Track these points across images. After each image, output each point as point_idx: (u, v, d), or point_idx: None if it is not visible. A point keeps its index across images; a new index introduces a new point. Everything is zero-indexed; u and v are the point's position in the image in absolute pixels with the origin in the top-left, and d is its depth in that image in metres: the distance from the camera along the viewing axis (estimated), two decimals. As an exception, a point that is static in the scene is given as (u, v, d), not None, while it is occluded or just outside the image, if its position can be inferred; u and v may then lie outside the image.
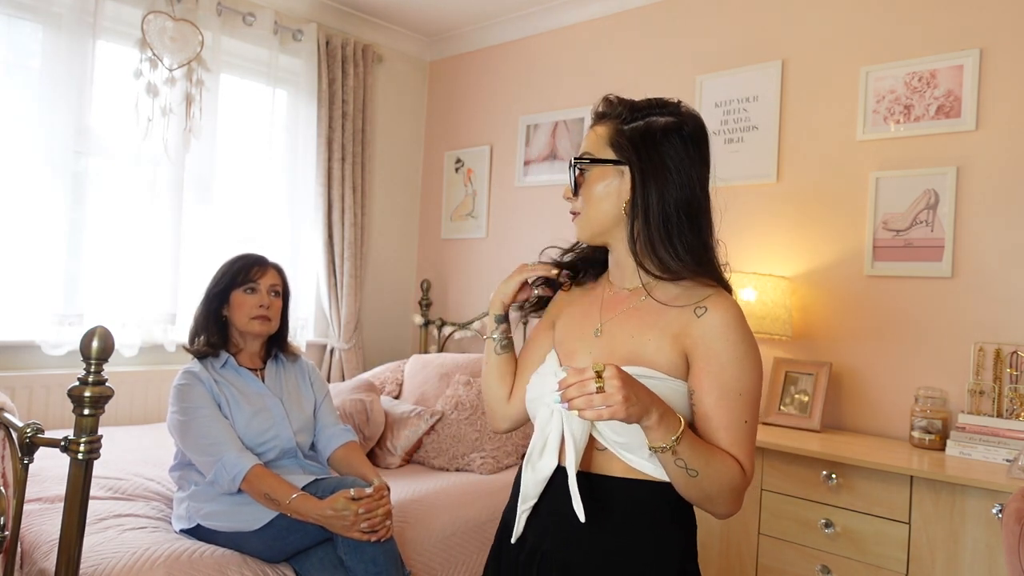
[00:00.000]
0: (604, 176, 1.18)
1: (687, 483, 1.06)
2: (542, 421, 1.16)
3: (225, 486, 1.87)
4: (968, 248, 2.43)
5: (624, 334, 1.18)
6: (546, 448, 1.15)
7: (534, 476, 1.15)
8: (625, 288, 1.23)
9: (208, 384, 1.99)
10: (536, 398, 1.20)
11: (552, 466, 1.15)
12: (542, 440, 1.15)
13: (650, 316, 1.17)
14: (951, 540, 2.01)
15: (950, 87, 2.47)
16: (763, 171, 2.90)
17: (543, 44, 3.73)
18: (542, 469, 1.15)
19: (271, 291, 2.11)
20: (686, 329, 1.13)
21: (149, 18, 2.99)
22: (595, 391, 0.95)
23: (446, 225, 4.13)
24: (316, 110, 3.60)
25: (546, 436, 1.15)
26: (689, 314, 1.13)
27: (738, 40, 3.01)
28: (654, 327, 1.16)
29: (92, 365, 1.40)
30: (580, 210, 1.21)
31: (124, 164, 3.05)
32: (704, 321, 1.12)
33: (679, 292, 1.16)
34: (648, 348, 1.15)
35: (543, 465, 1.15)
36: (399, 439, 2.84)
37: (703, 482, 1.05)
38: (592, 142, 1.21)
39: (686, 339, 1.13)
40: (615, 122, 1.19)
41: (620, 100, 1.21)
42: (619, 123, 1.19)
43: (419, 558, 2.17)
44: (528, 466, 1.16)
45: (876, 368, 2.60)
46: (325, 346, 3.82)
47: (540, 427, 1.17)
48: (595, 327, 1.22)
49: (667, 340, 1.14)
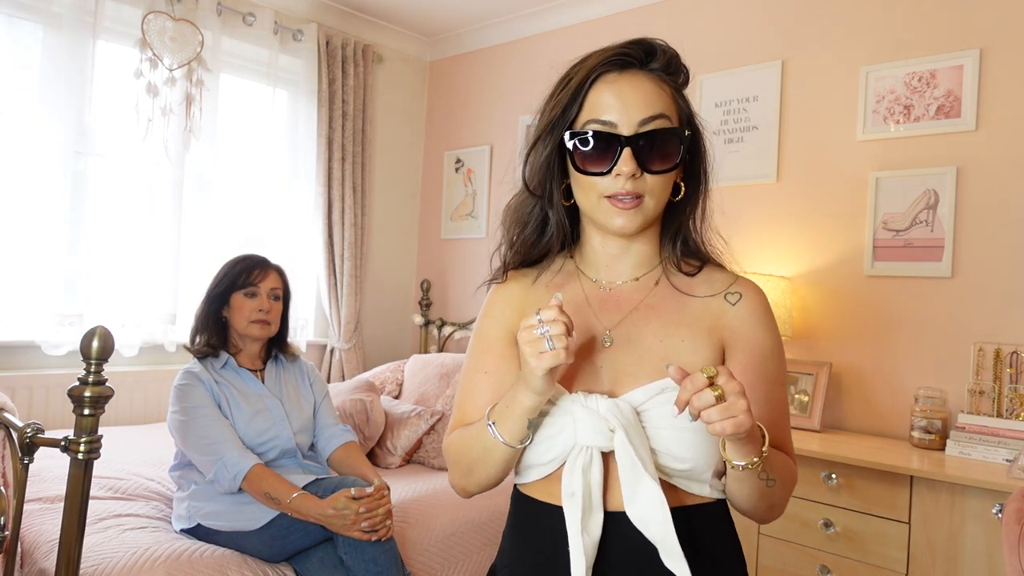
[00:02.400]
0: (683, 150, 0.96)
1: (760, 495, 0.92)
2: (578, 468, 0.90)
3: (226, 485, 1.87)
4: (968, 248, 2.43)
5: (649, 338, 0.97)
6: (593, 503, 0.90)
7: (590, 539, 0.89)
8: (617, 282, 1.03)
9: (208, 384, 2.00)
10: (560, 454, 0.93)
11: (601, 518, 0.91)
12: (584, 494, 0.89)
13: (673, 312, 0.99)
14: (951, 540, 2.01)
15: (950, 87, 2.48)
16: (763, 171, 2.90)
17: (543, 44, 3.73)
18: (595, 528, 0.90)
19: (271, 294, 2.10)
20: (721, 320, 0.99)
21: (149, 18, 2.99)
22: (715, 401, 0.79)
23: (446, 225, 4.13)
24: (316, 110, 3.60)
25: (588, 487, 0.90)
26: (720, 303, 0.99)
27: (738, 40, 3.01)
28: (682, 324, 0.98)
29: (92, 365, 1.40)
30: (645, 192, 0.95)
31: (124, 164, 3.05)
32: (740, 309, 0.99)
33: (698, 280, 1.02)
34: (683, 350, 0.96)
35: (595, 523, 0.90)
36: (399, 439, 2.84)
37: (776, 490, 0.92)
38: (664, 101, 0.96)
39: (723, 331, 0.98)
40: (674, 80, 0.99)
41: (672, 50, 0.99)
42: (675, 81, 0.99)
43: (419, 558, 2.17)
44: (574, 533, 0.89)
45: (876, 368, 2.60)
46: (325, 346, 3.82)
47: (576, 479, 0.90)
48: (601, 335, 0.99)
49: (702, 336, 0.97)
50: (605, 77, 0.96)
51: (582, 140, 0.95)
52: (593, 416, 0.90)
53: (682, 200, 1.01)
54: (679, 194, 1.00)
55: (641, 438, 0.90)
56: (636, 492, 0.88)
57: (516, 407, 0.90)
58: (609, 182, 0.94)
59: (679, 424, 0.90)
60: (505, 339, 1.04)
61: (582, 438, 0.90)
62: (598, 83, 0.96)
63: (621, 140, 0.93)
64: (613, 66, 0.96)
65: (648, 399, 0.92)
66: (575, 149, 0.96)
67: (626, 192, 0.93)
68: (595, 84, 0.96)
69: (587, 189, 0.97)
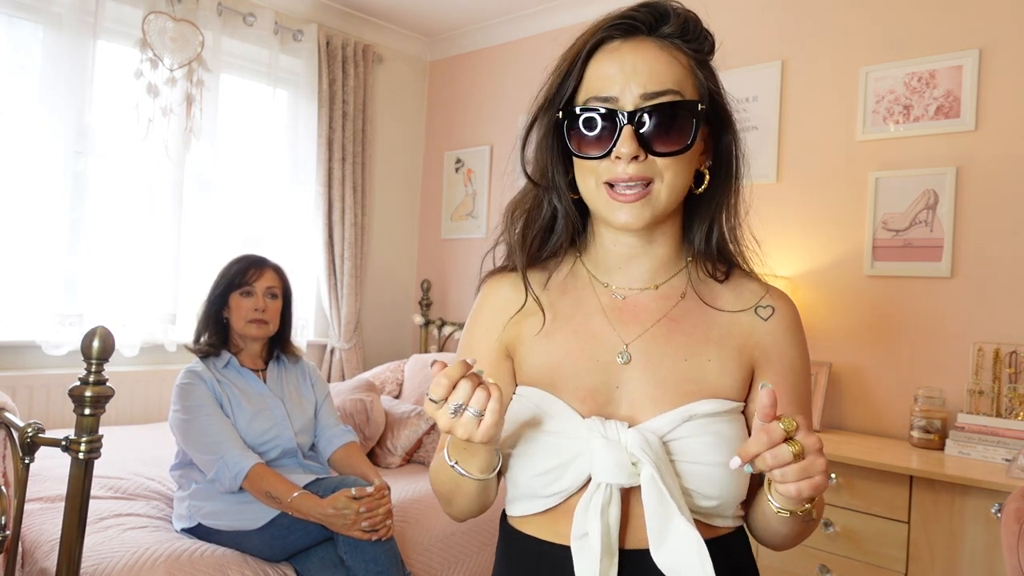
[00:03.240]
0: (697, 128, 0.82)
1: (799, 534, 0.84)
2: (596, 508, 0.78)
3: (227, 484, 1.87)
4: (967, 248, 2.44)
5: (672, 356, 0.85)
6: (610, 547, 0.79)
7: None
8: (634, 288, 0.90)
9: (210, 383, 2.00)
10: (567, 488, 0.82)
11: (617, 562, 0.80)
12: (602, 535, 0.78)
13: (699, 327, 0.87)
14: (950, 539, 2.01)
15: (949, 87, 2.48)
16: (763, 171, 2.90)
17: (543, 44, 3.73)
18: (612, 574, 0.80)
19: (267, 293, 2.11)
20: (752, 337, 0.88)
21: (149, 18, 2.99)
22: (792, 459, 0.69)
23: (446, 225, 4.13)
24: (316, 110, 3.60)
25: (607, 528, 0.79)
26: (750, 317, 0.88)
27: (738, 40, 3.02)
28: (710, 341, 0.86)
29: (93, 365, 1.41)
30: (654, 176, 0.81)
31: (124, 164, 3.05)
32: (773, 324, 0.88)
33: (725, 289, 0.90)
34: (710, 371, 0.85)
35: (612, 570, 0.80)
36: (399, 439, 2.84)
37: (813, 522, 0.84)
38: (676, 74, 0.82)
39: (754, 349, 0.88)
40: (693, 49, 0.84)
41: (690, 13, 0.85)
42: (695, 50, 0.85)
43: (419, 558, 2.18)
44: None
45: (876, 368, 2.60)
46: (325, 346, 3.82)
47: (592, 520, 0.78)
48: (616, 351, 0.86)
49: (732, 356, 0.86)
50: (606, 46, 0.83)
51: (576, 118, 0.82)
52: (616, 450, 0.78)
53: (707, 192, 0.88)
54: (702, 184, 0.88)
55: (671, 475, 0.79)
56: (666, 535, 0.77)
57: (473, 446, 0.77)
58: (608, 166, 0.81)
59: (711, 460, 0.80)
60: (497, 351, 0.92)
61: (602, 474, 0.78)
62: (598, 53, 0.84)
63: (621, 117, 0.80)
64: (616, 32, 0.83)
65: (673, 428, 0.81)
66: (570, 129, 0.83)
67: (628, 177, 0.80)
68: (595, 54, 0.84)
69: (585, 175, 0.84)
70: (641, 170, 0.80)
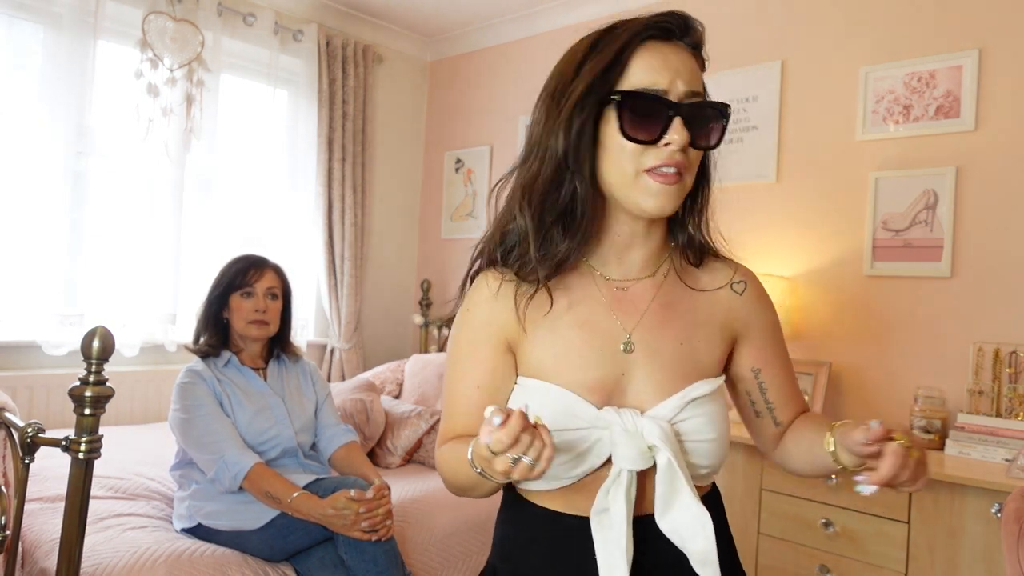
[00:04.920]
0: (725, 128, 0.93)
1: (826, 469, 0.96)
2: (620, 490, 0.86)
3: (226, 484, 1.87)
4: (967, 248, 2.44)
5: (670, 343, 0.93)
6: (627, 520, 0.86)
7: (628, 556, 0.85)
8: (630, 278, 0.97)
9: (211, 382, 2.00)
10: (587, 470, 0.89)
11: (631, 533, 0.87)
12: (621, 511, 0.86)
13: (688, 311, 0.96)
14: (950, 540, 2.01)
15: (949, 87, 2.48)
16: (763, 171, 2.90)
17: (543, 44, 3.73)
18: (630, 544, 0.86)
19: (268, 294, 2.10)
20: (731, 312, 0.98)
21: (150, 18, 2.99)
22: (926, 470, 0.81)
23: (446, 225, 4.13)
24: (316, 110, 3.60)
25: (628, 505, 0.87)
26: (728, 294, 0.98)
27: (738, 40, 3.02)
28: (698, 324, 0.96)
29: (93, 365, 1.41)
30: (687, 170, 0.89)
31: (124, 164, 3.05)
32: (748, 297, 0.99)
33: (702, 272, 1.00)
34: (702, 352, 0.94)
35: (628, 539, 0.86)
36: (399, 439, 2.84)
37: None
38: (700, 79, 0.91)
39: (735, 322, 0.98)
40: (701, 60, 0.93)
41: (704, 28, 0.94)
42: (703, 64, 0.94)
43: (419, 558, 2.18)
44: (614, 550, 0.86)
45: (875, 368, 2.60)
46: (325, 346, 3.82)
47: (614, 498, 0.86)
48: (620, 341, 0.92)
49: (716, 333, 0.97)
50: (648, 44, 0.88)
51: (631, 102, 0.86)
52: (636, 439, 0.86)
53: (694, 189, 0.96)
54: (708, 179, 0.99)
55: (681, 457, 0.88)
56: (670, 505, 0.87)
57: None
58: (653, 153, 0.86)
59: (707, 436, 0.90)
60: (500, 347, 0.95)
61: (623, 462, 0.86)
62: (641, 49, 0.88)
63: (671, 107, 0.85)
64: (657, 31, 0.89)
65: (677, 412, 0.90)
66: (623, 112, 0.86)
67: (674, 163, 0.85)
68: (637, 50, 0.88)
69: (625, 161, 0.87)
70: (683, 160, 0.87)
